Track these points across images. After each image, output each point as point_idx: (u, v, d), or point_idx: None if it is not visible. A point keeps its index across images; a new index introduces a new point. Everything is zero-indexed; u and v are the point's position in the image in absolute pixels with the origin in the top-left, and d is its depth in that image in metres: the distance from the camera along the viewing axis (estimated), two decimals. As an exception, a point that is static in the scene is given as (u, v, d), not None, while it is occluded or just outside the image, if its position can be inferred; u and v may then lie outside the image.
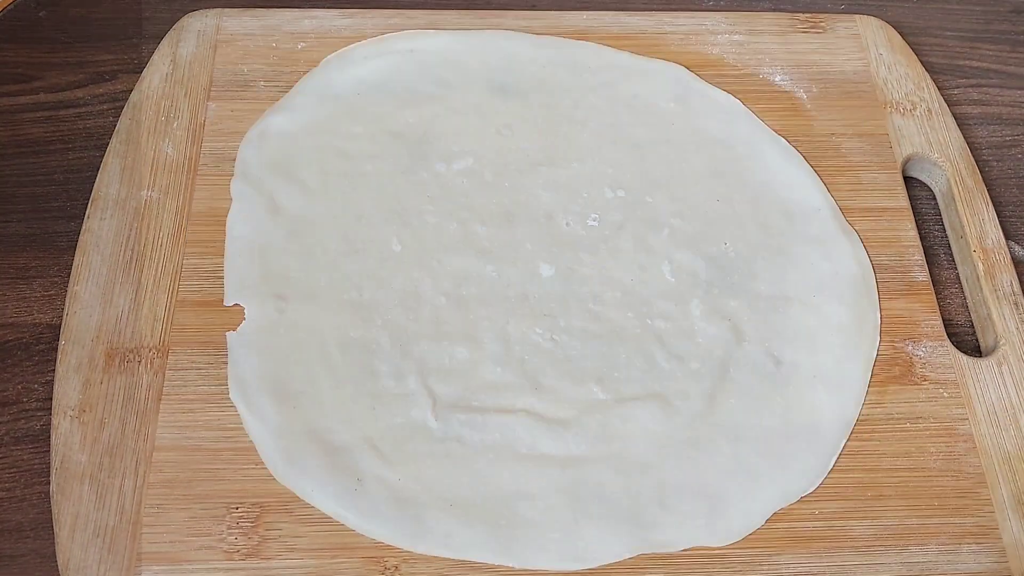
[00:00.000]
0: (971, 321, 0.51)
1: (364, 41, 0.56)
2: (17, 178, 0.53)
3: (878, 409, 0.46)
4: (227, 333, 0.46)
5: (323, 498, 0.42)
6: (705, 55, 0.58)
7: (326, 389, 0.45)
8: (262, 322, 0.46)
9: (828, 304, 0.49)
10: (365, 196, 0.51)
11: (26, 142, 0.54)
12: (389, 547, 0.41)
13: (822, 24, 0.60)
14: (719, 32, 0.59)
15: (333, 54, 0.55)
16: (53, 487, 0.42)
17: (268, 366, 0.45)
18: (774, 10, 0.62)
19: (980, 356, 0.49)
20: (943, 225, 0.54)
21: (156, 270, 0.48)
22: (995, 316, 0.49)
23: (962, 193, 0.53)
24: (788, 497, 0.44)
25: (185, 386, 0.45)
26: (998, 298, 0.50)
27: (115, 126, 0.53)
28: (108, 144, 0.52)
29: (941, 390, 0.47)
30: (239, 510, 0.42)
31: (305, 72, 0.55)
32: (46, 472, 0.43)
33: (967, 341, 0.50)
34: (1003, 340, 0.48)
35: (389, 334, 0.46)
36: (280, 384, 0.45)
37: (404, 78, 0.55)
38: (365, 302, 0.47)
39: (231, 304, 0.47)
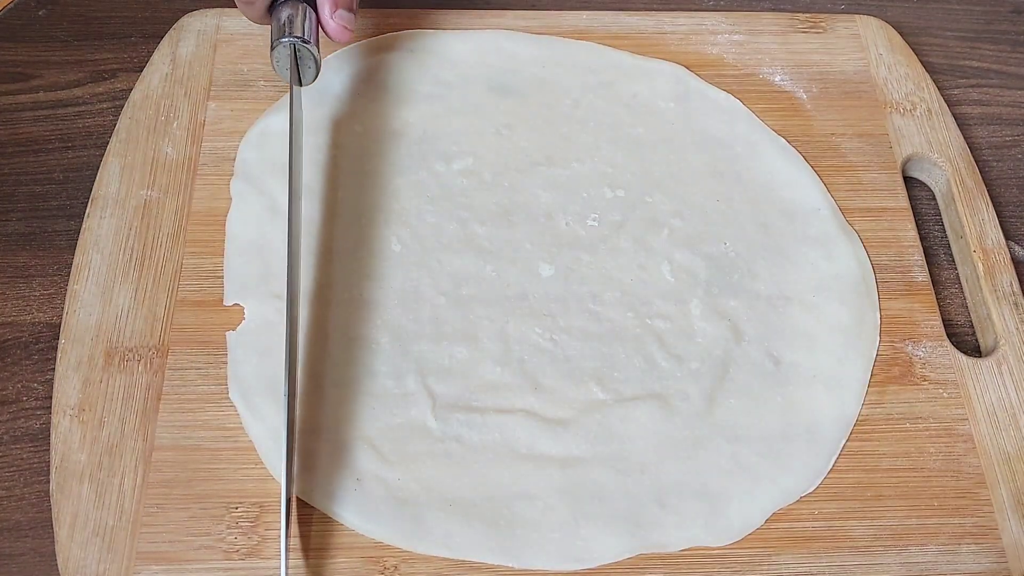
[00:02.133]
0: (971, 321, 0.51)
1: (364, 41, 0.56)
2: (16, 177, 0.53)
3: (878, 409, 0.46)
4: (227, 333, 0.46)
5: (322, 498, 0.42)
6: (705, 55, 0.58)
7: (325, 388, 0.45)
8: (261, 322, 0.46)
9: (828, 304, 0.49)
10: (365, 195, 0.51)
11: (25, 141, 0.54)
12: (388, 547, 0.41)
13: (822, 24, 0.60)
14: (719, 32, 0.59)
15: (332, 54, 0.55)
16: (52, 486, 0.42)
17: (267, 366, 0.45)
18: (774, 10, 0.62)
19: (980, 356, 0.49)
20: (943, 225, 0.54)
21: (156, 269, 0.48)
22: (995, 316, 0.49)
23: (962, 193, 0.53)
24: (787, 497, 0.44)
25: (184, 386, 0.45)
26: (998, 298, 0.50)
27: (115, 125, 0.53)
28: (108, 143, 0.52)
29: (941, 390, 0.47)
30: (238, 510, 0.42)
31: (305, 71, 0.55)
32: (46, 471, 0.43)
33: (967, 341, 0.50)
34: (1003, 340, 0.48)
35: (388, 334, 0.46)
36: (279, 384, 0.44)
37: (404, 78, 0.55)
38: (364, 302, 0.47)
39: (231, 304, 0.47)
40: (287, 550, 0.39)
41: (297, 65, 0.49)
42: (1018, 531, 0.43)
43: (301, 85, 0.50)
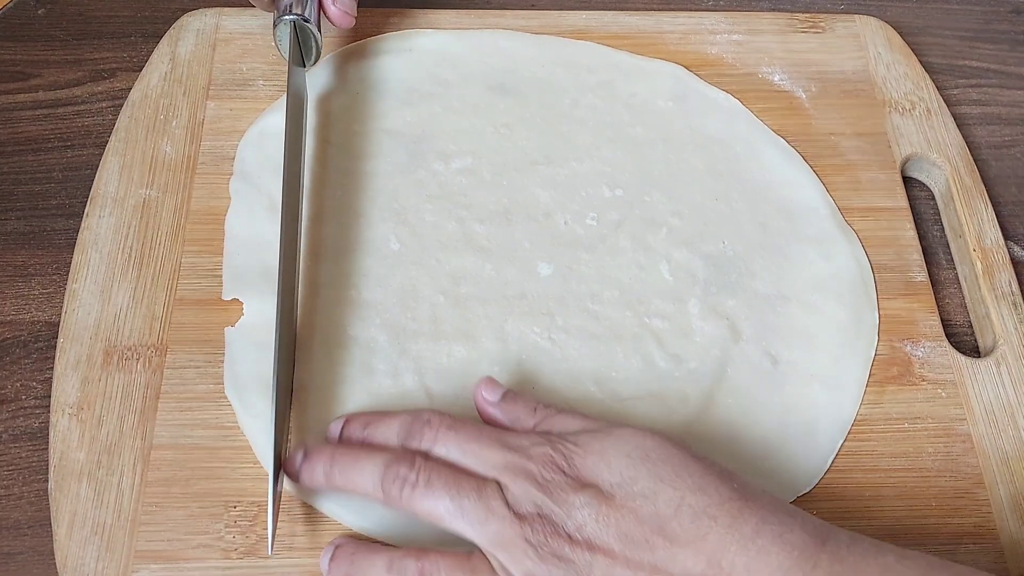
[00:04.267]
0: (970, 321, 0.51)
1: (363, 40, 0.56)
2: (16, 176, 0.53)
3: (876, 409, 0.46)
4: (225, 329, 0.46)
5: (315, 494, 0.42)
6: (704, 54, 0.58)
7: (322, 386, 0.45)
8: (259, 319, 0.46)
9: (826, 303, 0.49)
10: (364, 194, 0.51)
11: (24, 140, 0.54)
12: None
13: (821, 24, 0.60)
14: (718, 32, 0.59)
15: (332, 53, 0.55)
16: (51, 485, 0.42)
17: (264, 363, 0.45)
18: (773, 10, 0.62)
19: (978, 356, 0.49)
20: (942, 225, 0.54)
21: (155, 268, 0.48)
22: (994, 316, 0.49)
23: (961, 193, 0.53)
24: (785, 497, 0.43)
25: (183, 384, 0.45)
26: (996, 298, 0.50)
27: (114, 124, 0.53)
28: (107, 142, 0.52)
29: (939, 390, 0.47)
30: (237, 508, 0.42)
31: (304, 71, 0.55)
32: (44, 470, 0.43)
33: (966, 341, 0.50)
34: (1001, 340, 0.48)
35: (387, 332, 0.46)
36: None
37: (403, 77, 0.55)
38: (363, 300, 0.47)
39: (229, 298, 0.47)
40: (273, 538, 0.39)
41: (299, 45, 0.51)
42: (1016, 531, 0.43)
43: (304, 66, 0.51)
